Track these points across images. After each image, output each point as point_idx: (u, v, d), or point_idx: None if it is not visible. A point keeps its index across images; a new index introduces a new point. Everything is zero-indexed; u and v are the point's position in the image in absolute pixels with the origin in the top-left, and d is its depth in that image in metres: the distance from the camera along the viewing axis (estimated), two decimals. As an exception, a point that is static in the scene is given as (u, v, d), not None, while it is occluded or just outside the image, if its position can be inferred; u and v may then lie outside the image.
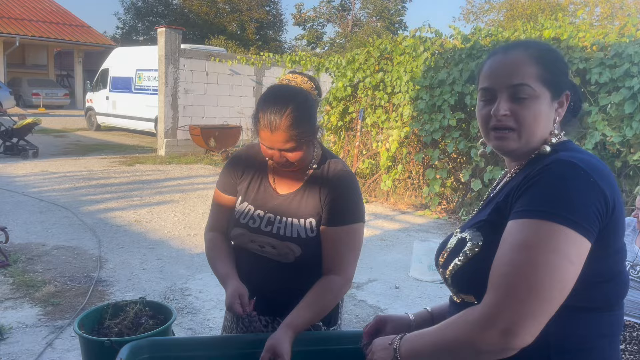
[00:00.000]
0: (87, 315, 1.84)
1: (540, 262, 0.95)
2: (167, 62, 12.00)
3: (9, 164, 10.21)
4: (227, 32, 31.83)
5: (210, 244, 1.79)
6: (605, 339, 1.05)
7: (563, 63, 1.15)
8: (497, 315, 0.95)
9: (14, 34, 21.83)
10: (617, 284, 1.05)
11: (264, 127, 1.52)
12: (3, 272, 4.62)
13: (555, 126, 1.13)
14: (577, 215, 0.96)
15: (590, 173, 0.99)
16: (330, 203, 1.63)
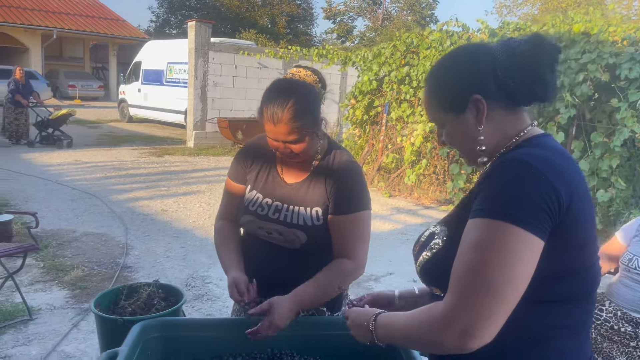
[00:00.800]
0: (103, 296, 1.94)
1: (490, 261, 0.96)
2: (196, 55, 12.19)
3: (44, 153, 10.56)
4: (258, 26, 32.02)
5: (219, 232, 1.87)
6: (565, 330, 1.06)
7: (457, 71, 1.13)
8: (455, 316, 0.97)
9: (51, 27, 22.45)
10: (584, 279, 1.06)
11: (267, 120, 1.59)
12: (35, 257, 4.82)
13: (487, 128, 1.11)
14: (525, 214, 0.96)
15: (542, 170, 0.99)
16: (336, 193, 1.68)
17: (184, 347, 1.70)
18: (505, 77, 1.08)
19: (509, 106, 1.11)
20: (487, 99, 1.09)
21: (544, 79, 1.09)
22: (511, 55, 1.08)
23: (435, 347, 1.05)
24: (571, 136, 6.60)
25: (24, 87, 11.11)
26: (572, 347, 1.08)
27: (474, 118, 1.11)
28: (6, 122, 11.31)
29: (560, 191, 0.98)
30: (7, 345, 3.31)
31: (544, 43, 1.08)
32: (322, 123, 1.68)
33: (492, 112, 1.10)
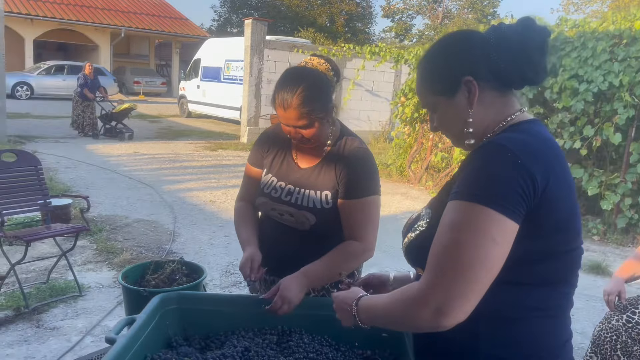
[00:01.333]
0: (131, 269, 2.08)
1: (464, 242, 0.98)
2: (252, 52, 12.47)
3: (107, 144, 11.14)
4: (317, 25, 32.29)
5: (238, 212, 1.97)
6: (539, 312, 1.08)
7: (449, 54, 1.16)
8: (429, 294, 1.00)
9: (120, 25, 23.57)
10: (562, 263, 1.07)
11: (278, 106, 1.67)
12: (89, 239, 5.13)
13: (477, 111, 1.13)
14: (500, 197, 0.98)
15: (518, 154, 1.00)
16: (345, 178, 1.74)
17: (200, 320, 1.80)
18: (496, 59, 1.10)
19: (499, 89, 1.13)
20: (478, 81, 1.11)
21: (534, 60, 1.10)
22: (501, 38, 1.10)
23: (412, 325, 1.07)
24: (630, 138, 6.31)
25: (92, 82, 11.73)
26: (546, 330, 1.08)
27: (465, 100, 1.12)
28: (75, 114, 12.00)
29: (536, 175, 0.99)
30: (57, 317, 3.57)
31: (533, 26, 1.10)
32: (334, 110, 1.74)
33: (483, 94, 1.12)
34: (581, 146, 6.54)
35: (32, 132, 12.06)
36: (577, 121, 6.65)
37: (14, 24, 21.03)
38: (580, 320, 4.02)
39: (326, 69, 1.74)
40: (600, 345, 2.59)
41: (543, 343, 1.08)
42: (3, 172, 3.95)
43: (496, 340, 1.08)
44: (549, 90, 6.85)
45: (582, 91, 6.47)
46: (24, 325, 3.42)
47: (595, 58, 6.45)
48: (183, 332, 1.78)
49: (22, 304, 3.61)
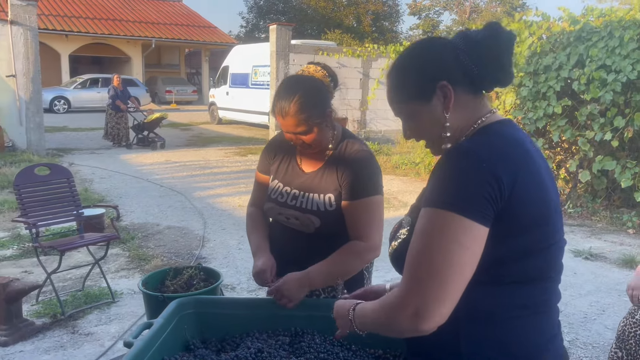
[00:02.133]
0: (151, 276, 2.18)
1: (435, 248, 1.01)
2: (277, 57, 12.60)
3: (140, 154, 11.44)
4: (344, 26, 32.32)
5: (249, 218, 2.05)
6: (522, 310, 1.09)
7: (422, 60, 1.17)
8: (406, 300, 1.03)
9: (150, 37, 24.14)
10: (539, 260, 1.08)
11: (277, 114, 1.74)
12: (122, 247, 5.30)
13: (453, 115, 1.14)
14: (466, 202, 1.00)
15: (483, 159, 1.02)
16: (347, 180, 1.79)
17: (217, 323, 1.87)
18: (468, 64, 1.12)
19: (472, 92, 1.15)
20: (453, 85, 1.13)
21: (504, 63, 1.13)
22: (471, 44, 1.13)
23: (394, 329, 1.09)
24: (663, 127, 6.13)
25: (122, 92, 12.07)
26: (531, 327, 1.10)
27: (441, 105, 1.14)
28: (109, 126, 12.37)
29: (502, 177, 1.01)
30: (92, 323, 3.71)
31: (501, 30, 1.13)
32: (332, 114, 1.78)
33: (458, 97, 1.14)
34: (612, 137, 6.39)
35: (69, 144, 12.49)
36: (607, 112, 6.49)
37: (50, 40, 21.82)
38: (611, 316, 3.94)
39: (322, 75, 1.79)
40: (625, 340, 2.55)
41: (529, 340, 1.09)
42: (38, 186, 4.13)
43: (478, 341, 1.09)
44: (577, 82, 6.71)
45: (611, 81, 6.32)
46: (60, 331, 3.57)
47: (623, 47, 6.29)
48: (201, 336, 1.85)
49: (59, 311, 3.78)
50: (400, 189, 8.56)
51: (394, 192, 8.22)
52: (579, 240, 5.83)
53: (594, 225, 6.51)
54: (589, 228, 6.38)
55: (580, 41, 6.86)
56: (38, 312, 3.81)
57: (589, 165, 6.86)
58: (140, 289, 2.05)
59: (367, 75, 14.01)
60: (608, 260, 5.23)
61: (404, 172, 9.97)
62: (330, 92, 1.81)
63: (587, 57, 6.68)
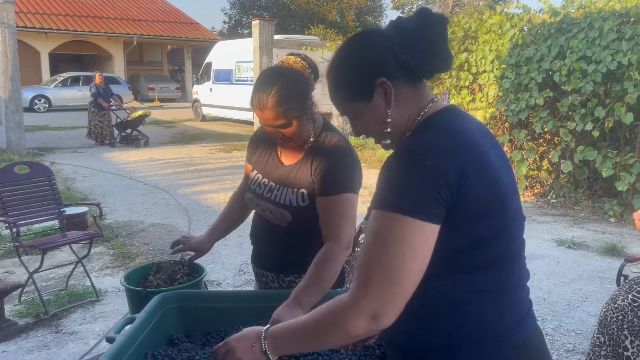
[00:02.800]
0: (134, 271, 2.14)
1: (386, 250, 1.01)
2: (261, 53, 12.55)
3: (123, 152, 11.33)
4: (327, 21, 32.26)
5: (229, 199, 2.16)
6: (484, 294, 1.09)
7: (358, 59, 1.15)
8: (361, 303, 1.01)
9: (131, 34, 23.88)
10: (496, 244, 1.08)
11: (255, 108, 1.71)
12: (106, 245, 5.25)
13: (395, 110, 1.14)
14: (413, 203, 1.00)
15: (425, 156, 1.01)
16: (319, 174, 1.74)
17: (201, 317, 1.85)
18: (403, 55, 1.10)
19: (412, 83, 1.14)
20: (391, 80, 1.11)
21: (439, 49, 1.11)
22: (404, 33, 1.11)
23: (344, 335, 1.06)
24: (643, 117, 6.21)
25: (104, 90, 11.93)
26: (495, 310, 1.10)
27: (382, 101, 1.13)
28: (92, 124, 12.21)
29: (448, 172, 1.00)
30: (76, 322, 3.67)
31: (432, 16, 1.11)
32: (313, 106, 1.76)
33: (398, 92, 1.13)
34: (593, 128, 6.47)
35: (51, 143, 12.33)
36: (587, 103, 6.57)
37: (29, 38, 21.48)
38: (594, 303, 3.99)
39: (302, 67, 1.76)
40: (607, 325, 2.59)
41: (494, 323, 1.10)
42: (17, 185, 4.07)
43: (448, 328, 1.09)
44: (558, 74, 6.78)
45: (591, 72, 6.39)
46: (43, 331, 3.53)
47: (602, 38, 6.36)
48: (185, 330, 1.83)
49: (42, 311, 3.73)
50: (386, 182, 8.58)
51: (379, 185, 8.24)
52: (562, 230, 5.90)
53: (576, 214, 6.60)
54: (572, 217, 6.45)
55: (561, 33, 6.93)
56: (21, 312, 3.76)
57: (570, 156, 6.94)
58: (122, 284, 2.03)
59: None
60: (590, 248, 5.30)
61: (389, 165, 9.99)
62: (311, 84, 1.78)
63: (568, 48, 6.75)
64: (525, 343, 1.11)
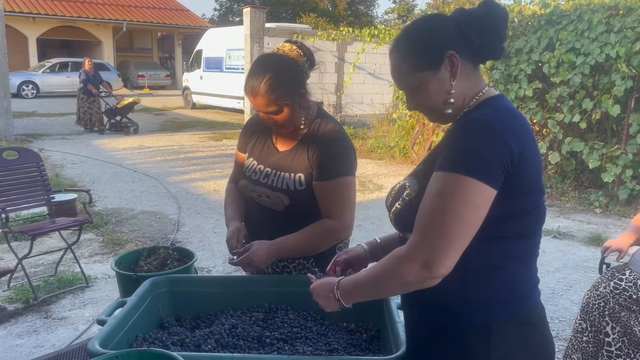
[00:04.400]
0: (125, 256, 2.17)
1: (448, 208, 1.11)
2: (252, 41, 12.48)
3: (112, 139, 11.26)
4: (319, 9, 32.08)
5: (227, 193, 2.10)
6: (516, 260, 1.23)
7: (430, 32, 1.24)
8: (416, 252, 1.13)
9: (121, 20, 23.60)
10: (532, 218, 1.22)
11: (248, 94, 1.73)
12: (95, 232, 5.25)
13: (457, 84, 1.22)
14: (481, 167, 1.10)
15: (497, 129, 1.12)
16: (318, 160, 1.80)
17: (191, 302, 1.88)
18: (470, 34, 1.21)
19: (472, 63, 1.24)
20: (459, 54, 1.21)
21: (502, 36, 1.22)
22: (472, 18, 1.22)
23: (400, 282, 1.18)
24: (629, 109, 6.29)
25: (94, 77, 11.82)
26: (520, 275, 1.25)
27: (448, 73, 1.22)
28: (81, 111, 12.11)
29: (513, 147, 1.12)
30: (65, 308, 3.69)
31: (497, 7, 1.22)
32: (306, 94, 1.78)
33: (463, 66, 1.22)
34: (581, 119, 6.54)
35: (39, 130, 12.22)
36: (576, 95, 6.63)
37: (17, 23, 21.16)
38: (577, 291, 4.07)
39: (297, 55, 1.77)
40: (589, 312, 2.65)
41: (520, 286, 1.24)
42: (6, 170, 4.05)
43: (483, 288, 1.21)
44: (547, 65, 6.83)
45: (580, 64, 6.45)
46: (33, 316, 3.54)
47: (591, 30, 6.41)
48: (175, 314, 1.86)
49: (31, 297, 3.74)
50: (376, 172, 8.63)
51: (369, 175, 8.28)
52: (548, 220, 5.93)
53: (563, 205, 6.68)
54: (558, 208, 6.54)
55: (551, 24, 6.97)
56: (10, 298, 3.77)
57: (558, 147, 7.02)
58: (113, 269, 2.04)
59: (342, 59, 13.99)
60: (576, 238, 5.39)
61: (379, 155, 10.04)
62: (305, 72, 1.80)
63: (557, 40, 6.79)
64: (538, 304, 1.29)
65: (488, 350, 1.20)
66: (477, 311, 1.21)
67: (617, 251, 2.74)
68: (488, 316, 1.21)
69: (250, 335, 1.68)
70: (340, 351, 1.63)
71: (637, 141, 6.10)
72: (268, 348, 1.64)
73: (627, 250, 2.75)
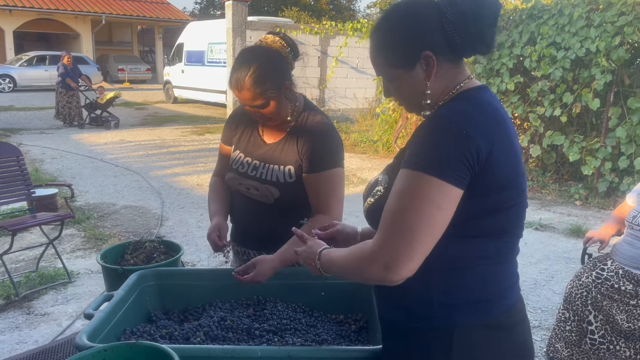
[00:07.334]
0: (110, 250, 2.14)
1: (409, 208, 1.07)
2: (234, 34, 12.38)
3: (93, 133, 11.10)
4: (301, 3, 31.93)
5: (211, 187, 2.06)
6: (485, 260, 1.17)
7: (408, 28, 1.15)
8: (378, 253, 1.10)
9: (100, 12, 23.21)
10: (505, 217, 1.15)
11: (233, 88, 1.71)
12: (77, 227, 5.17)
13: (433, 83, 1.16)
14: (444, 166, 1.05)
15: (462, 125, 1.07)
16: (307, 152, 1.79)
17: (179, 295, 1.86)
18: (453, 33, 1.13)
19: (452, 60, 1.17)
20: (436, 54, 1.14)
21: (487, 35, 1.14)
22: (457, 12, 1.12)
23: (363, 278, 1.17)
24: (609, 103, 6.39)
25: (72, 70, 11.63)
26: (493, 276, 1.19)
27: (423, 72, 1.16)
28: (59, 105, 11.91)
29: (480, 144, 1.06)
30: (48, 304, 3.63)
31: (487, 1, 1.13)
32: (292, 86, 1.77)
33: (440, 66, 1.15)
34: (561, 113, 6.62)
35: (17, 124, 11.99)
36: (556, 89, 6.72)
37: (-8, 15, 20.71)
38: (559, 282, 4.13)
39: (281, 46, 1.75)
40: (572, 302, 2.69)
41: (490, 287, 1.18)
42: (-15, 164, 3.97)
43: (447, 289, 1.16)
44: (529, 59, 6.90)
45: (560, 58, 6.53)
46: (14, 312, 3.48)
47: (572, 25, 6.49)
48: (162, 307, 1.84)
49: (12, 293, 3.67)
50: (359, 166, 8.65)
51: (353, 169, 8.29)
52: (529, 212, 6.00)
53: (543, 197, 6.78)
54: (539, 201, 6.63)
55: (532, 19, 7.04)
56: (-10, 294, 3.70)
57: (539, 141, 7.10)
58: (98, 262, 2.01)
59: (325, 53, 13.95)
60: (556, 230, 5.47)
61: (362, 149, 10.06)
62: (289, 64, 1.78)
63: (538, 34, 6.87)
64: (512, 307, 1.21)
65: (449, 353, 1.15)
66: (440, 312, 1.17)
67: (599, 242, 2.79)
68: (452, 318, 1.16)
69: (239, 328, 1.68)
70: (330, 342, 1.64)
71: (616, 134, 6.20)
72: (257, 340, 1.63)
73: (609, 241, 2.81)
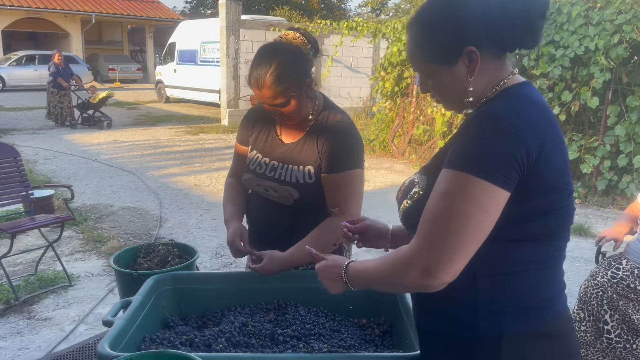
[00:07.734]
0: (122, 253, 2.07)
1: (455, 210, 1.01)
2: (228, 33, 12.30)
3: (85, 133, 10.96)
4: (292, 2, 31.85)
5: (227, 188, 2.00)
6: (533, 265, 1.11)
7: (451, 21, 1.10)
8: (417, 258, 1.04)
9: (89, 11, 22.99)
10: (553, 219, 1.10)
11: (253, 86, 1.65)
12: (75, 229, 5.08)
13: (476, 79, 1.11)
14: (491, 167, 0.99)
15: (512, 124, 1.01)
16: (327, 152, 1.73)
17: (196, 299, 1.81)
18: (498, 28, 1.07)
19: (497, 55, 1.11)
20: (479, 50, 1.08)
21: (535, 29, 1.08)
22: (504, 6, 1.07)
23: (401, 285, 1.12)
24: (607, 101, 6.40)
25: (64, 70, 11.48)
26: (541, 281, 1.13)
27: (465, 68, 1.10)
28: (51, 105, 11.75)
29: (530, 144, 1.01)
30: (49, 308, 3.55)
31: None
32: (312, 84, 1.72)
33: (483, 62, 1.10)
34: (560, 111, 6.62)
35: (7, 124, 11.82)
36: (555, 87, 6.72)
37: (-20, 14, 20.42)
38: (565, 281, 4.11)
39: (301, 42, 1.70)
40: (587, 301, 2.67)
41: (539, 294, 1.12)
42: (-19, 166, 3.88)
43: (495, 295, 1.11)
44: (527, 58, 6.89)
45: (559, 57, 6.52)
46: (15, 317, 3.40)
47: (570, 23, 6.49)
48: (179, 312, 1.79)
49: (12, 297, 3.59)
50: (356, 165, 8.60)
51: (350, 168, 8.24)
52: (530, 211, 6.05)
53: (543, 196, 6.77)
54: (539, 199, 6.62)
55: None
56: (-11, 299, 3.61)
57: (538, 139, 7.10)
58: (112, 266, 1.95)
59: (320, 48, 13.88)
60: (558, 228, 5.45)
61: (358, 148, 10.01)
62: (310, 61, 1.73)
63: (537, 33, 6.86)
64: (560, 315, 1.15)
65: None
66: (487, 320, 1.11)
67: (613, 241, 2.77)
68: (499, 326, 1.10)
69: (262, 334, 1.63)
70: (357, 347, 1.59)
71: (615, 132, 6.21)
72: (282, 346, 1.58)
73: (623, 239, 2.78)
